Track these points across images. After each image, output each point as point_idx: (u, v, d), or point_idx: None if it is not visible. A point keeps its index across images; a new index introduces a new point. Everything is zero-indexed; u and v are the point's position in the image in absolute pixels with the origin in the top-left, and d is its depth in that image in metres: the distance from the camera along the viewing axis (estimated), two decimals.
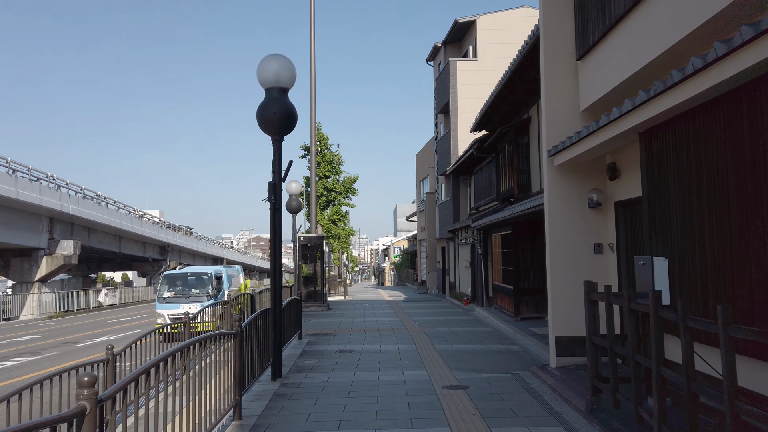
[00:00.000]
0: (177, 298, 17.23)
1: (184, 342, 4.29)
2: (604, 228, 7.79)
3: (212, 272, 18.41)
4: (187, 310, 14.50)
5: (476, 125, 18.47)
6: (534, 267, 14.92)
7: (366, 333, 13.17)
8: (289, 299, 10.82)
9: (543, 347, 10.45)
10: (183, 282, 18.11)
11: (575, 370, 7.42)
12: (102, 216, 38.61)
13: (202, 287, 17.66)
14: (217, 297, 17.39)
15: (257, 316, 7.31)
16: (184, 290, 17.67)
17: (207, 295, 17.13)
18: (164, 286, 17.98)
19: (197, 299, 16.99)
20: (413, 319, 16.45)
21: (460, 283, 24.46)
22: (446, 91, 27.25)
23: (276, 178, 7.93)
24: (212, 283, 17.71)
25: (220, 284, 18.42)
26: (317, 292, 20.75)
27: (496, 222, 15.02)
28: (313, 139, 22.19)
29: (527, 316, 14.67)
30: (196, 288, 17.71)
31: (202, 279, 18.10)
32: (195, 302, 16.66)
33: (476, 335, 12.52)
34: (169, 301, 17.20)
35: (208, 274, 18.27)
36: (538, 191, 14.56)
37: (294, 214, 19.47)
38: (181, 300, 17.09)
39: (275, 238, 7.86)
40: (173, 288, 17.75)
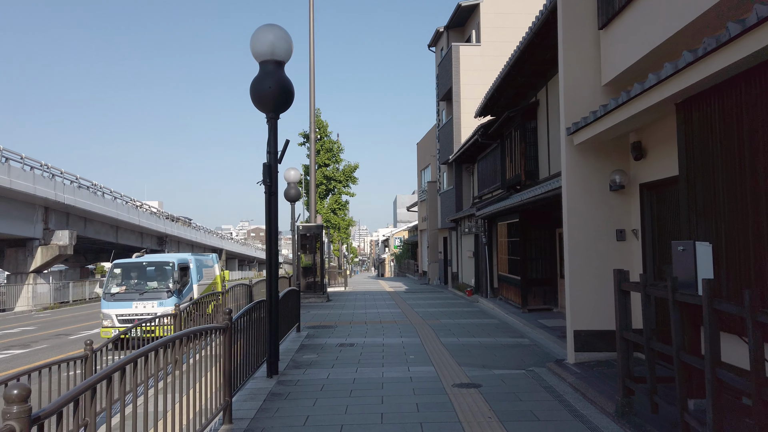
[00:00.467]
0: (129, 294, 13.87)
1: (158, 340, 3.69)
2: (627, 212, 7.19)
3: (175, 261, 14.71)
4: (142, 311, 13.23)
5: (481, 110, 17.83)
6: (542, 256, 14.35)
7: (368, 325, 12.60)
8: (287, 290, 10.24)
9: (555, 340, 9.88)
10: (138, 274, 14.69)
11: (596, 367, 6.84)
12: (98, 206, 38.02)
13: (162, 280, 14.31)
14: (182, 293, 14.40)
15: (251, 308, 6.72)
16: (138, 284, 14.39)
17: (167, 291, 13.93)
18: (113, 278, 14.60)
19: (154, 296, 13.83)
20: (416, 310, 15.89)
21: (462, 274, 23.89)
22: (449, 77, 26.55)
23: (271, 159, 7.32)
24: (173, 276, 14.21)
25: (186, 277, 15.16)
26: (317, 283, 20.19)
27: (503, 210, 14.42)
28: (312, 126, 21.54)
29: (535, 307, 14.10)
30: (155, 281, 14.40)
31: (162, 270, 14.53)
32: (151, 299, 13.68)
33: (483, 327, 11.95)
34: (118, 298, 13.90)
35: (170, 264, 14.61)
36: (547, 177, 13.95)
37: (293, 203, 18.88)
38: (134, 297, 13.76)
39: (270, 224, 7.27)
40: (125, 281, 14.50)
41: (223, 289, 14.42)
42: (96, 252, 54.74)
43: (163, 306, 13.04)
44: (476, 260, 20.61)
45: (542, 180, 14.40)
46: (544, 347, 9.46)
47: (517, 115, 15.31)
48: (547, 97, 14.11)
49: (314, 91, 21.48)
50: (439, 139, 29.42)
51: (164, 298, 13.67)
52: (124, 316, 13.35)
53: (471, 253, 21.40)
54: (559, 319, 12.46)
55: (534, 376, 6.92)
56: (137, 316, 12.77)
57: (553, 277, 14.15)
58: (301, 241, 20.22)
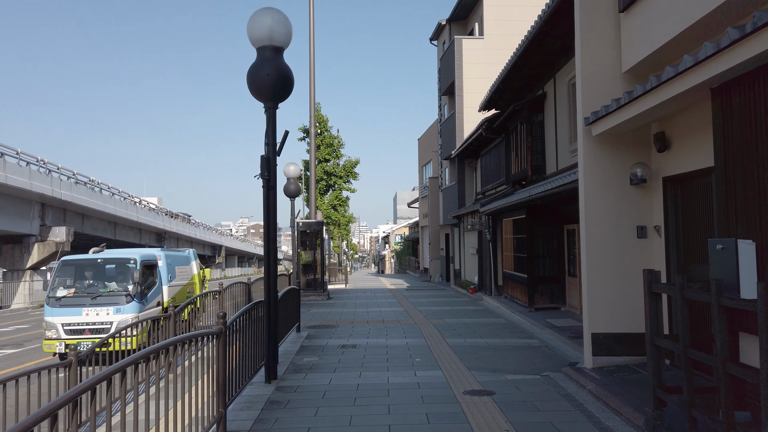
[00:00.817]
0: (78, 298, 11.09)
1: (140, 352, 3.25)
2: (649, 208, 6.75)
3: (137, 258, 11.77)
4: (94, 319, 10.88)
5: (486, 103, 17.37)
6: (550, 254, 13.92)
7: (370, 325, 12.18)
8: (287, 289, 9.82)
9: (566, 342, 9.47)
10: (93, 273, 11.88)
11: (616, 373, 6.42)
12: (96, 202, 37.61)
13: (121, 281, 11.54)
14: (146, 297, 11.70)
15: (248, 309, 6.29)
16: (91, 286, 11.58)
17: (126, 295, 11.17)
18: (60, 278, 11.80)
19: (110, 301, 11.09)
20: (419, 309, 15.47)
21: (465, 271, 23.47)
22: (451, 70, 26.08)
23: (270, 151, 6.89)
24: (134, 276, 11.37)
25: (153, 276, 12.37)
26: (317, 281, 19.77)
27: (509, 206, 13.99)
28: (312, 120, 21.09)
29: (542, 306, 13.68)
30: (113, 282, 11.63)
31: (122, 268, 11.70)
32: (106, 305, 10.97)
33: (489, 327, 11.53)
34: (65, 303, 11.11)
35: (131, 261, 11.69)
36: (554, 172, 13.52)
37: (292, 199, 18.45)
38: (85, 302, 11.00)
39: (269, 219, 6.83)
40: (77, 282, 11.74)
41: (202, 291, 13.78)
42: None
43: (121, 313, 10.90)
44: (480, 257, 20.19)
45: (549, 175, 13.97)
46: (556, 349, 9.04)
47: (523, 108, 14.87)
48: (555, 89, 13.67)
49: (314, 84, 21.03)
50: (441, 134, 28.97)
51: (122, 304, 11.08)
52: (72, 325, 10.80)
53: (474, 250, 20.98)
54: (568, 319, 12.05)
55: (550, 382, 6.50)
56: (88, 326, 10.76)
57: (560, 275, 13.73)
58: (301, 237, 19.80)
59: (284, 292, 9.30)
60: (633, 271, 6.63)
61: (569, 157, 12.59)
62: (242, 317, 5.96)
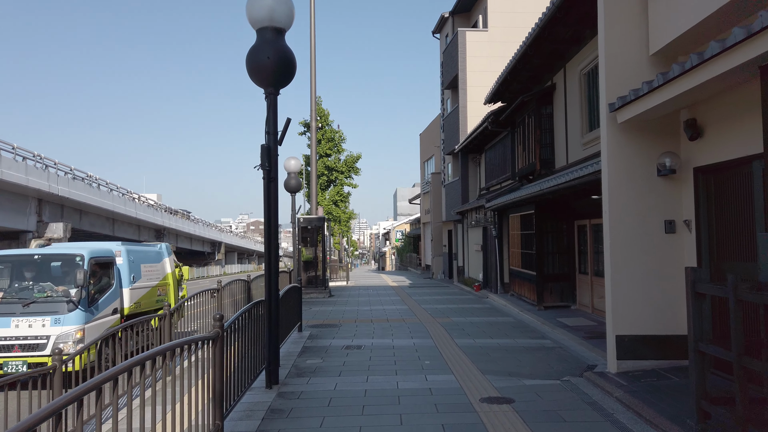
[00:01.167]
0: (8, 305, 8.60)
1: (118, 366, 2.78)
2: (678, 201, 6.30)
3: (85, 254, 9.20)
4: (26, 332, 8.30)
5: (492, 95, 16.90)
6: (559, 250, 13.47)
7: (374, 324, 11.73)
8: (288, 287, 9.37)
9: (581, 342, 9.04)
10: (30, 273, 9.27)
11: (644, 378, 5.97)
12: (94, 198, 37.19)
13: (65, 283, 9.07)
14: (97, 303, 9.18)
15: (248, 309, 5.84)
16: (25, 290, 8.92)
17: (69, 302, 8.65)
18: None
19: (48, 309, 8.58)
20: (423, 307, 15.03)
21: (469, 268, 23.03)
22: (454, 64, 25.59)
23: (271, 141, 6.43)
24: (80, 277, 8.85)
25: (109, 278, 9.79)
26: (318, 278, 19.33)
27: (517, 201, 13.53)
28: (313, 113, 20.61)
29: (551, 304, 13.24)
30: (54, 283, 9.05)
31: (69, 267, 9.23)
32: (42, 314, 8.49)
33: (498, 327, 11.08)
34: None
35: (78, 258, 9.16)
36: (564, 166, 13.07)
37: (293, 194, 17.97)
38: (15, 310, 8.50)
39: (270, 213, 6.37)
40: (11, 285, 9.16)
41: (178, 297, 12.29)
42: None
43: (61, 325, 8.41)
44: (485, 254, 19.75)
45: (559, 169, 13.52)
46: (571, 351, 8.59)
47: (531, 99, 14.40)
48: (565, 80, 13.21)
49: (315, 76, 20.53)
50: (444, 129, 28.50)
51: (63, 313, 8.54)
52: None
53: (479, 247, 20.53)
54: (580, 318, 11.61)
55: (572, 388, 6.05)
56: (18, 341, 8.26)
57: (571, 272, 13.28)
58: (301, 234, 19.35)
59: (285, 290, 8.86)
60: (661, 268, 6.20)
61: (581, 150, 12.14)
62: (241, 318, 5.52)
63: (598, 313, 11.75)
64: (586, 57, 11.66)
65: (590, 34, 11.33)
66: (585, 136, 11.89)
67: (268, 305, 6.32)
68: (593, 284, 12.09)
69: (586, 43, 11.67)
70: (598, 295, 11.83)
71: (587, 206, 12.35)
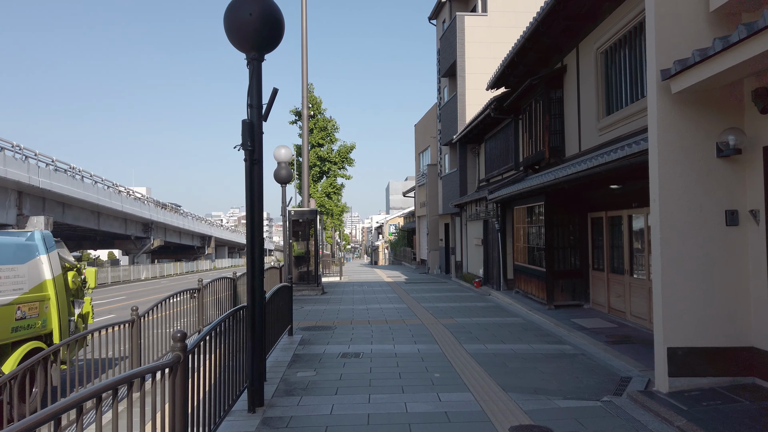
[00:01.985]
0: None
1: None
2: (742, 187, 5.30)
3: None
4: None
5: (496, 79, 15.84)
6: (571, 245, 12.49)
7: (372, 326, 10.71)
8: (278, 287, 8.31)
9: (605, 348, 8.07)
10: None
11: (706, 400, 4.96)
12: (77, 190, 35.87)
13: None
14: None
15: (224, 319, 4.78)
16: None
17: None
18: None
19: None
20: (423, 305, 14.02)
21: (468, 263, 22.05)
22: (452, 50, 24.52)
23: (254, 115, 5.36)
24: None
25: None
26: (310, 274, 18.28)
27: (525, 192, 12.51)
28: (304, 101, 19.49)
29: (562, 303, 12.27)
30: None
31: None
32: None
33: (508, 329, 10.09)
34: None
35: None
36: (577, 154, 12.07)
37: (284, 185, 16.87)
38: None
39: (253, 200, 5.32)
40: None
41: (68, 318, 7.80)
42: (78, 239, 52.50)
43: None
44: (486, 249, 18.76)
45: (570, 158, 12.52)
46: (596, 359, 7.61)
47: (540, 83, 13.37)
48: (577, 61, 12.19)
49: (306, 57, 19.41)
50: (441, 119, 27.45)
51: None
52: None
53: (479, 241, 19.54)
54: (595, 318, 10.65)
55: (618, 412, 5.04)
56: None
57: (583, 268, 12.31)
58: (293, 227, 18.27)
59: (274, 291, 7.81)
60: (721, 267, 5.21)
61: (596, 137, 11.14)
62: (214, 332, 4.46)
63: (615, 313, 10.79)
64: (604, 33, 10.64)
65: (608, 8, 10.33)
66: (602, 121, 10.89)
67: (251, 313, 5.26)
68: (610, 282, 11.12)
69: (603, 18, 10.66)
70: (615, 294, 10.87)
71: (604, 197, 11.37)
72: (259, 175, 5.37)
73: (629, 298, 10.24)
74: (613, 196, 10.86)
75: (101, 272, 40.07)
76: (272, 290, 7.77)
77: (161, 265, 53.63)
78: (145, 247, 52.04)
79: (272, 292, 7.60)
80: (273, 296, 7.57)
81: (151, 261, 63.48)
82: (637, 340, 8.64)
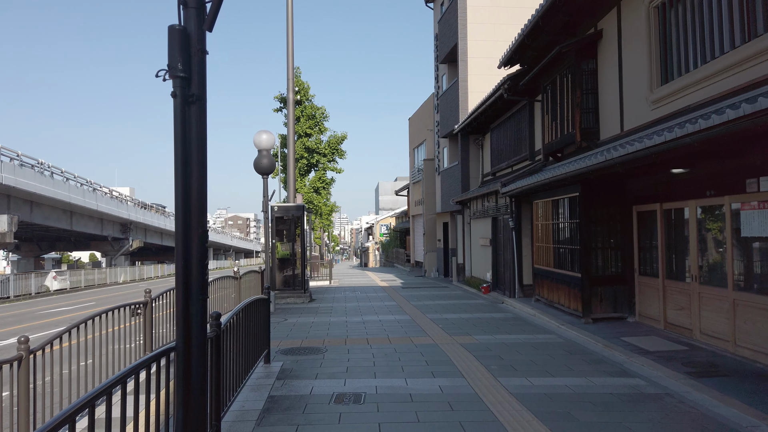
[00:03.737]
0: None
1: None
2: None
3: None
4: None
5: (513, 52, 13.67)
6: (611, 245, 10.34)
7: (372, 347, 8.49)
8: (249, 302, 6.05)
9: (696, 386, 5.93)
10: None
11: None
12: (46, 188, 33.28)
13: None
14: None
15: (126, 378, 2.53)
16: None
17: None
18: None
19: None
20: (429, 316, 11.83)
21: (472, 266, 19.86)
22: (453, 33, 22.39)
23: (189, 19, 3.12)
24: None
25: None
26: (296, 278, 16.00)
27: (555, 180, 10.33)
28: (290, 83, 17.21)
29: (602, 315, 10.12)
30: None
31: None
32: None
33: (547, 352, 7.92)
34: None
35: None
36: (618, 135, 9.96)
37: (265, 177, 14.59)
38: None
39: (187, 163, 3.07)
40: None
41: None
42: (52, 240, 49.74)
43: None
44: (495, 250, 16.60)
45: (607, 140, 10.40)
46: (691, 402, 5.44)
47: (570, 52, 11.22)
48: (618, 23, 10.07)
49: (292, 36, 17.15)
50: (439, 109, 25.30)
51: None
52: None
53: (486, 241, 17.37)
54: (651, 337, 8.49)
55: None
56: None
57: (627, 273, 10.17)
58: (276, 225, 15.98)
59: (243, 307, 5.56)
60: None
61: (647, 111, 9.02)
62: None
63: (675, 329, 8.65)
64: None
65: None
66: (656, 92, 8.76)
67: (183, 360, 3.01)
68: (666, 290, 8.98)
69: None
70: (674, 306, 8.73)
71: (656, 186, 9.24)
72: (199, 122, 3.13)
73: (697, 312, 8.10)
74: (673, 183, 8.73)
75: (73, 275, 37.50)
76: (240, 306, 5.53)
77: (141, 267, 51.09)
78: (124, 249, 49.42)
79: (239, 309, 5.36)
80: (241, 316, 5.33)
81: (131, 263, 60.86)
82: (728, 371, 6.51)
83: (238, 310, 5.32)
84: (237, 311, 5.26)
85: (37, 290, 32.75)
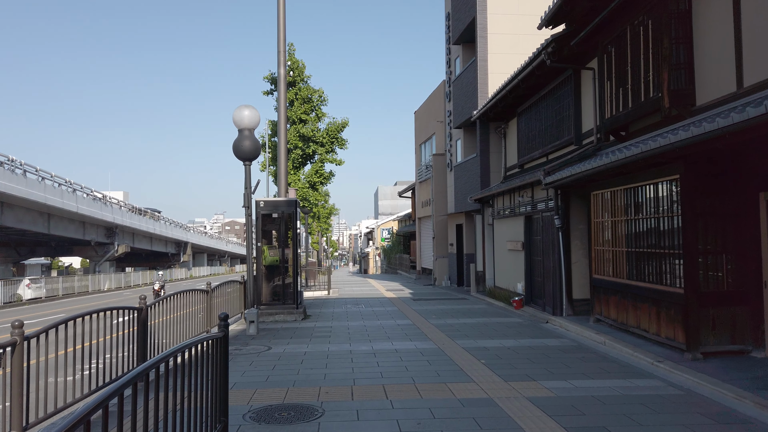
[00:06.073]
0: None
1: None
2: None
3: None
4: None
5: (560, 5, 10.71)
6: (724, 249, 7.35)
7: (395, 405, 5.50)
8: (185, 345, 3.02)
9: None
10: None
11: None
12: (18, 187, 30.22)
13: None
14: None
15: None
16: None
17: None
18: None
19: None
20: (460, 344, 8.87)
21: (496, 275, 16.85)
22: (470, 6, 19.49)
23: None
24: None
25: None
26: (287, 290, 12.95)
27: (644, 155, 7.35)
28: (281, 57, 14.23)
29: (718, 349, 7.13)
30: None
31: None
32: None
33: (667, 415, 4.93)
34: None
35: None
36: (728, 96, 7.03)
37: (247, 164, 11.61)
38: None
39: None
40: None
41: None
42: (31, 245, 46.56)
43: None
44: (529, 255, 13.64)
45: (708, 104, 7.48)
46: None
47: None
48: None
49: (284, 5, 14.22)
50: (452, 97, 22.37)
51: None
52: None
53: (517, 245, 14.38)
54: None
55: None
56: None
57: (749, 287, 7.19)
58: (263, 224, 12.94)
59: (158, 361, 2.54)
60: None
61: None
62: None
63: None
64: None
65: None
66: None
67: None
68: None
69: None
70: None
71: None
72: None
73: None
74: None
75: (49, 283, 34.47)
76: (179, 347, 2.54)
77: (127, 274, 48.06)
78: (108, 254, 46.34)
79: (151, 364, 2.37)
80: (155, 378, 2.33)
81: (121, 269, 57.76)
82: None
83: (145, 367, 2.33)
84: (142, 370, 2.27)
85: (7, 299, 29.72)
